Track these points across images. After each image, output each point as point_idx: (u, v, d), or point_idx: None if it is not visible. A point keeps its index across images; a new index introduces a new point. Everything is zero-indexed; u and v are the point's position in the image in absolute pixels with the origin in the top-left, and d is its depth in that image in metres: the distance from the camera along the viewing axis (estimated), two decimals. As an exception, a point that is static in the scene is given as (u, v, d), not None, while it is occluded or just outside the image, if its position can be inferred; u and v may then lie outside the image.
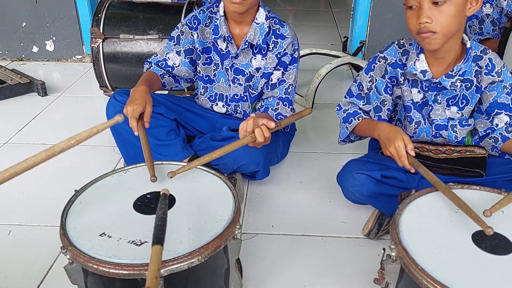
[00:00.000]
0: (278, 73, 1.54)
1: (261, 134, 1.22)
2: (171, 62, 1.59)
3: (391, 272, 0.92)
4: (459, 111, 1.35)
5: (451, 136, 1.39)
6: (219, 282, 0.98)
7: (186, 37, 1.56)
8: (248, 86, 1.58)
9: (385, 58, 1.38)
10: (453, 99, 1.34)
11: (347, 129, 1.44)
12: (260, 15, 1.48)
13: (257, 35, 1.48)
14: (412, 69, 1.31)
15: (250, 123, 1.25)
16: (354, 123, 1.41)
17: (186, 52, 1.58)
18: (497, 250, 0.88)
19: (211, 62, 1.58)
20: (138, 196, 1.02)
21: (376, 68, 1.40)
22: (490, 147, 1.37)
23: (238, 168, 1.51)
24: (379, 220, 1.38)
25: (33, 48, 2.91)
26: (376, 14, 2.78)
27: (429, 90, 1.34)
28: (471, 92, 1.32)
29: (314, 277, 1.26)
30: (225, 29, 1.49)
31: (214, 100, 1.64)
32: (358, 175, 1.32)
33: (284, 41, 1.50)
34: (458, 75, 1.29)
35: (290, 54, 1.53)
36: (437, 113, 1.36)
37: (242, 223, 1.47)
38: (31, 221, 1.47)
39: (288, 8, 4.72)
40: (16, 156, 1.86)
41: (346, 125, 1.44)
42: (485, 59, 1.29)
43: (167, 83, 1.62)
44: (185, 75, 1.62)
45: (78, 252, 0.85)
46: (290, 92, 1.56)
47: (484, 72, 1.29)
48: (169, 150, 1.52)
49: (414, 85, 1.36)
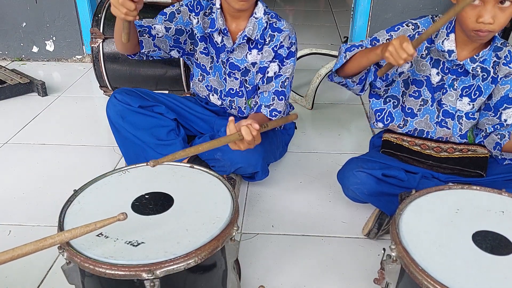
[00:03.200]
0: (274, 66, 1.51)
1: (248, 132, 1.15)
2: (154, 32, 1.46)
3: (391, 272, 0.92)
4: (471, 102, 1.34)
5: (456, 128, 1.38)
6: (216, 283, 0.97)
7: (182, 17, 1.50)
8: (244, 81, 1.57)
9: (416, 26, 1.33)
10: (468, 88, 1.33)
11: (345, 58, 1.32)
12: (259, 10, 1.47)
13: (255, 29, 1.47)
14: (440, 47, 1.29)
15: (231, 127, 1.17)
16: (356, 51, 1.32)
17: (177, 31, 1.49)
18: (497, 250, 0.87)
19: (209, 53, 1.56)
20: (137, 197, 1.01)
21: (400, 30, 1.34)
22: (494, 144, 1.35)
23: (236, 170, 1.50)
24: (379, 220, 1.37)
25: (33, 48, 2.91)
26: (376, 14, 2.77)
27: (449, 72, 1.33)
28: (487, 83, 1.31)
29: (314, 277, 1.26)
30: (221, 22, 1.47)
31: (211, 90, 1.63)
32: (359, 173, 1.32)
33: (281, 34, 1.49)
34: (480, 62, 1.29)
35: (287, 47, 1.50)
36: (450, 98, 1.35)
37: (242, 223, 1.47)
38: (31, 221, 1.47)
39: (288, 8, 4.71)
40: (16, 156, 1.88)
41: (346, 54, 1.33)
42: (504, 51, 1.30)
43: (145, 43, 1.46)
44: (162, 47, 1.50)
45: (75, 252, 0.85)
46: (286, 85, 1.52)
47: (502, 63, 1.29)
48: (169, 150, 1.51)
49: (436, 65, 1.34)
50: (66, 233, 0.83)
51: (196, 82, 1.66)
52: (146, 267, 0.81)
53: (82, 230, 0.83)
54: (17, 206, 1.54)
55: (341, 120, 2.20)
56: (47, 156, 1.86)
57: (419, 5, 2.71)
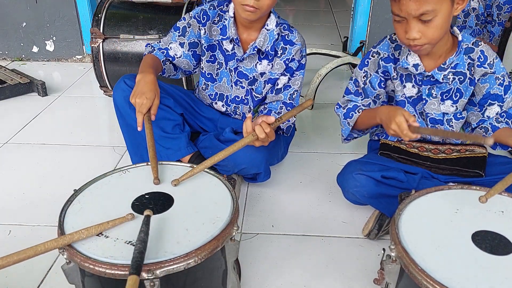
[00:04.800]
0: (285, 79, 1.53)
1: (262, 130, 1.21)
2: (172, 52, 1.53)
3: (391, 272, 0.92)
4: (454, 104, 1.34)
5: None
6: (216, 283, 0.97)
7: (193, 30, 1.52)
8: (251, 90, 1.57)
9: (378, 53, 1.37)
10: (447, 93, 1.33)
11: (349, 124, 1.42)
12: (271, 21, 1.46)
13: (266, 41, 1.47)
14: (405, 63, 1.30)
15: (248, 124, 1.25)
16: (355, 116, 1.39)
17: (190, 44, 1.54)
18: (497, 250, 0.88)
19: (215, 61, 1.57)
20: (137, 196, 1.02)
21: (370, 63, 1.39)
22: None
23: (239, 171, 1.50)
24: (379, 220, 1.37)
25: (33, 48, 2.91)
26: (376, 14, 2.77)
27: (422, 84, 1.33)
28: (465, 85, 1.31)
29: (314, 277, 1.26)
30: (234, 31, 1.47)
31: (214, 99, 1.64)
32: (358, 176, 1.32)
33: (293, 47, 1.50)
34: (450, 68, 1.29)
35: (298, 60, 1.52)
36: (432, 107, 1.35)
37: (242, 223, 1.47)
38: (31, 221, 1.47)
39: (288, 8, 4.71)
40: (16, 156, 1.88)
41: (347, 120, 1.42)
42: (476, 51, 1.28)
43: (167, 70, 1.56)
44: (185, 67, 1.58)
45: (75, 251, 0.85)
46: (294, 98, 1.55)
47: (476, 64, 1.29)
48: (173, 143, 1.50)
49: (408, 79, 1.35)
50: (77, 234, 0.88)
51: (200, 90, 1.66)
52: (146, 267, 0.81)
53: (94, 230, 0.89)
54: (17, 206, 1.54)
55: (341, 120, 2.20)
56: (47, 156, 1.86)
57: (419, 5, 2.71)
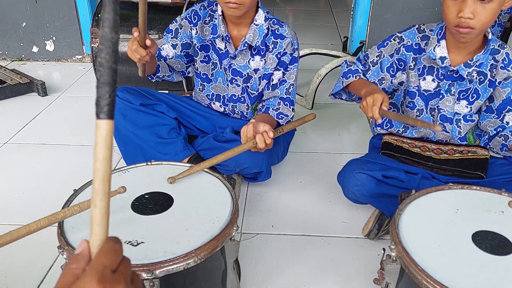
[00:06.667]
0: (279, 73, 1.54)
1: (262, 140, 1.23)
2: (164, 52, 1.56)
3: (391, 272, 0.92)
4: (468, 105, 1.33)
5: (455, 131, 1.38)
6: (216, 283, 0.97)
7: (185, 31, 1.55)
8: (246, 87, 1.58)
9: (401, 39, 1.36)
10: (465, 92, 1.32)
11: (342, 83, 1.42)
12: (260, 16, 1.47)
13: (256, 36, 1.48)
14: (432, 54, 1.29)
15: (250, 129, 1.26)
16: (350, 80, 1.40)
17: (183, 45, 1.56)
18: (497, 250, 0.87)
19: (209, 61, 1.58)
20: (137, 197, 1.01)
21: (388, 45, 1.38)
22: (500, 146, 1.34)
23: (241, 170, 1.50)
24: (379, 220, 1.37)
25: (33, 48, 2.91)
26: (376, 14, 2.77)
27: (444, 78, 1.32)
28: (484, 86, 1.30)
29: (314, 277, 1.26)
30: (223, 28, 1.48)
31: (212, 99, 1.64)
32: (359, 174, 1.31)
33: (284, 40, 1.50)
34: (475, 66, 1.28)
35: (290, 53, 1.52)
36: (447, 104, 1.35)
37: (242, 223, 1.47)
38: (31, 221, 1.45)
39: (288, 8, 4.71)
40: (16, 156, 1.88)
41: (343, 79, 1.42)
42: (502, 53, 1.28)
43: (162, 68, 1.58)
44: (178, 67, 1.60)
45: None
46: (291, 92, 1.55)
47: (500, 66, 1.28)
48: (170, 148, 1.51)
49: (430, 72, 1.34)
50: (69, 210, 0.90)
51: (197, 91, 1.67)
52: (146, 267, 0.81)
53: (86, 205, 0.90)
54: (17, 206, 1.54)
55: (341, 120, 2.20)
56: (47, 156, 1.86)
57: (419, 5, 2.71)
